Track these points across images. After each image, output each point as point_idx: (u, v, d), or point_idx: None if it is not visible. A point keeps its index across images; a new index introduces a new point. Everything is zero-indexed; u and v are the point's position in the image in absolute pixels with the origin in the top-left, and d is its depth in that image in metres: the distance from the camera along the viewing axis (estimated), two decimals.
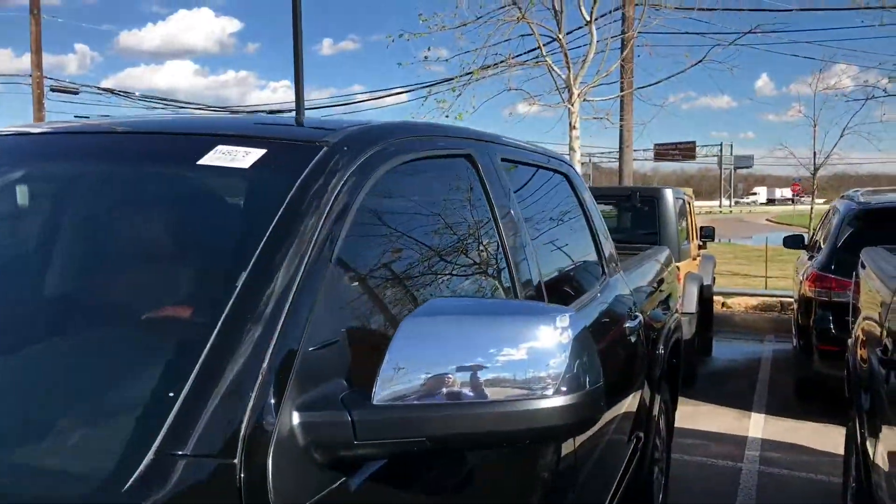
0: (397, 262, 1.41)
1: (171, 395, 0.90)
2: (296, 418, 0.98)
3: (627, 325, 2.74)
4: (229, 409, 0.91)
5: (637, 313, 2.92)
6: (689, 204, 7.51)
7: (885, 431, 2.38)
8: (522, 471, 1.66)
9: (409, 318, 1.04)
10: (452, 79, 12.31)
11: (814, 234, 7.61)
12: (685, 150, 52.40)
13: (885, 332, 2.45)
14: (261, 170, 1.27)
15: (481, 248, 1.85)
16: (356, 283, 1.26)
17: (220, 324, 0.98)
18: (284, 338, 1.00)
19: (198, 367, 0.93)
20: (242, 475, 0.88)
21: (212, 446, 0.88)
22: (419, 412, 0.98)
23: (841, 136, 14.71)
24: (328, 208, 1.17)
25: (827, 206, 7.57)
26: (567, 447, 1.95)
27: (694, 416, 5.46)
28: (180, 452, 0.85)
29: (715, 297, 8.84)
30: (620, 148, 14.26)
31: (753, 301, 10.13)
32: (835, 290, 5.25)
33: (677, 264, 5.78)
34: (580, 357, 1.03)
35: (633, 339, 2.80)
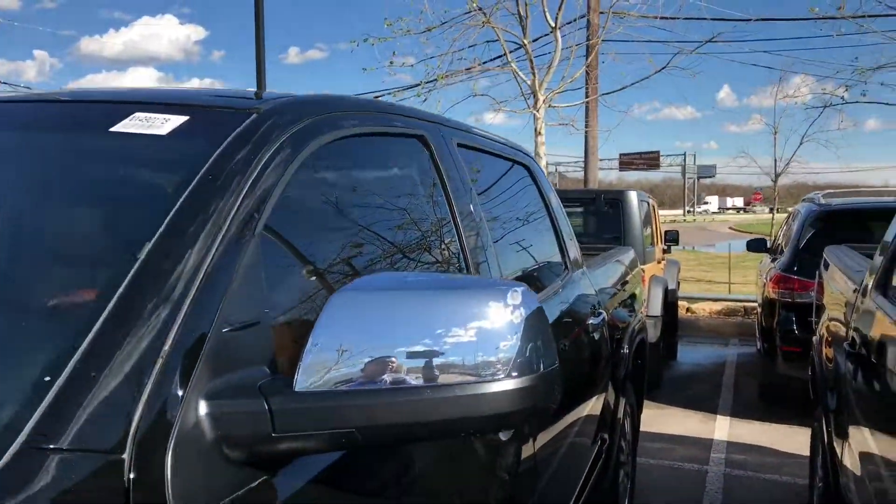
0: (333, 245, 1.28)
1: (48, 379, 0.76)
2: (204, 408, 0.84)
3: (590, 321, 2.65)
4: (119, 396, 0.78)
5: (601, 311, 2.82)
6: (654, 208, 7.51)
7: (852, 430, 2.32)
8: (476, 474, 1.54)
9: (339, 293, 0.91)
10: (418, 84, 12.25)
11: (776, 238, 7.66)
12: (649, 160, 53.07)
13: (850, 327, 2.39)
14: (180, 137, 1.14)
15: (433, 236, 1.73)
16: (285, 264, 1.13)
17: (113, 301, 0.84)
18: (192, 318, 0.87)
19: (83, 348, 0.79)
20: (132, 474, 0.74)
21: (94, 440, 0.74)
22: (346, 400, 0.86)
23: (800, 144, 14.97)
24: (252, 180, 1.04)
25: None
26: (527, 448, 1.83)
27: (659, 419, 5.40)
28: (52, 446, 0.72)
29: (679, 302, 8.85)
30: (586, 155, 14.30)
31: (717, 306, 10.17)
32: (798, 290, 5.25)
33: (642, 267, 5.74)
34: (534, 339, 0.92)
35: (596, 336, 2.71)
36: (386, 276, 1.06)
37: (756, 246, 7.75)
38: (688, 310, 10.03)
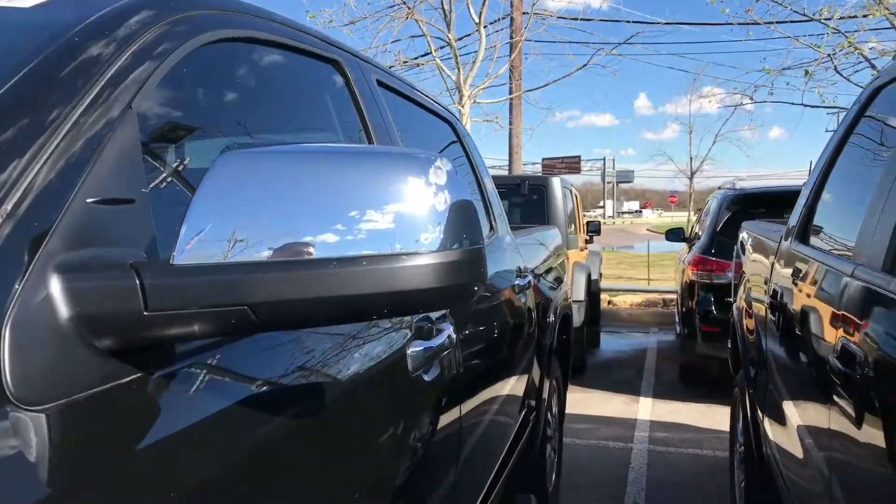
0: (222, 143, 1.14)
1: None
2: (58, 282, 0.69)
3: (517, 281, 2.57)
4: None
5: (527, 275, 2.75)
6: (576, 198, 7.58)
7: (774, 390, 2.33)
8: (393, 438, 1.41)
9: (229, 154, 0.77)
10: None
11: (692, 228, 7.87)
12: (571, 164, 54.13)
13: (771, 283, 2.39)
14: (45, 10, 0.98)
15: None
16: (167, 146, 0.98)
17: None
18: (47, 182, 0.72)
19: None
20: None
21: None
22: (237, 273, 0.72)
23: (714, 143, 15.54)
24: (124, 59, 0.89)
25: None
26: (452, 414, 1.72)
27: (584, 402, 5.41)
28: None
29: (601, 295, 8.99)
30: (510, 153, 14.41)
31: (638, 299, 10.41)
32: (715, 272, 5.37)
33: (567, 251, 5.76)
34: (458, 222, 0.80)
35: (522, 299, 2.63)
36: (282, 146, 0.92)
37: (674, 236, 7.94)
38: (609, 302, 10.22)
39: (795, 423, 1.93)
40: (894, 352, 1.26)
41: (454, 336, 1.66)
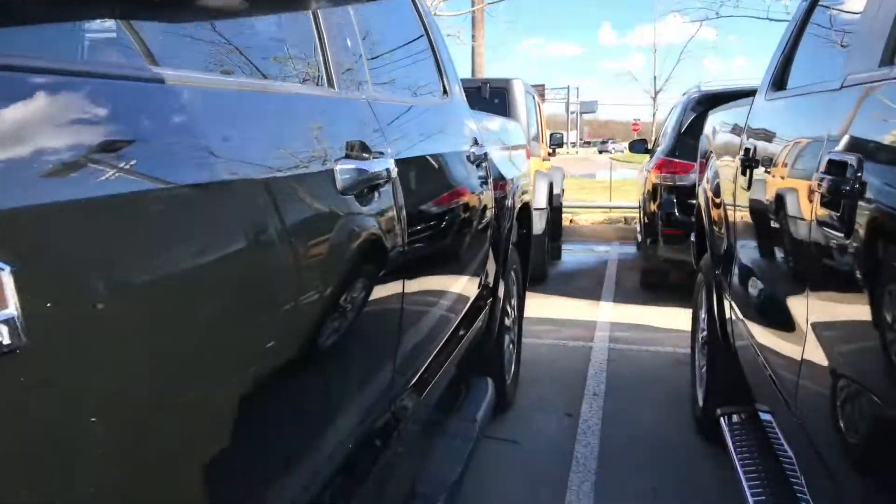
0: None
1: None
2: None
3: (472, 149, 2.37)
4: None
5: (483, 145, 2.55)
6: (538, 105, 7.35)
7: (741, 267, 2.21)
8: (315, 272, 1.22)
9: None
10: None
11: (656, 139, 7.72)
12: (535, 92, 53.43)
13: (743, 146, 2.24)
14: None
15: (288, 40, 1.36)
16: None
17: None
18: None
19: None
20: None
21: None
22: None
23: (678, 61, 15.31)
24: None
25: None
26: (389, 263, 1.53)
27: (545, 306, 5.34)
28: None
29: (563, 214, 8.87)
30: (473, 73, 14.04)
31: (600, 217, 10.35)
32: (679, 173, 5.26)
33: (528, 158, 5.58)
34: None
35: (477, 171, 2.44)
36: None
37: (638, 147, 7.80)
38: (570, 221, 10.14)
39: (768, 294, 1.80)
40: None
41: (395, 174, 1.46)
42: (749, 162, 2.04)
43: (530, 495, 2.51)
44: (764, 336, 1.84)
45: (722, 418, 2.28)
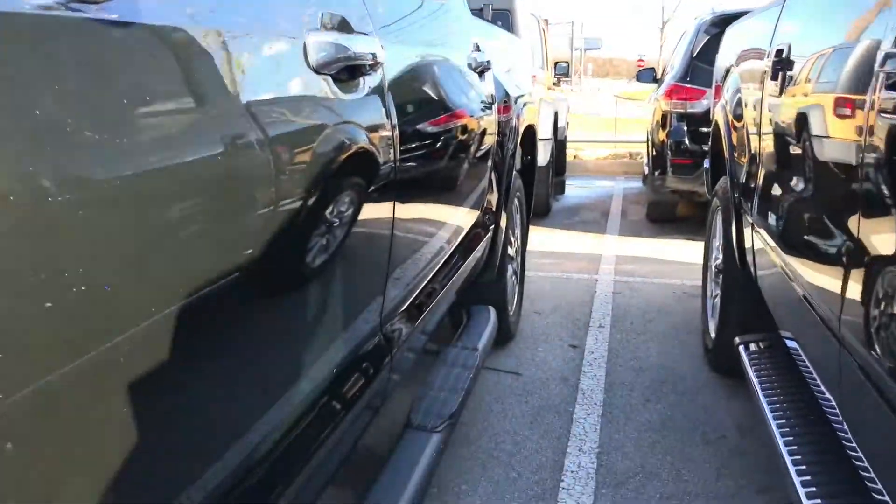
0: None
1: None
2: None
3: (475, 56, 2.16)
4: None
5: (483, 54, 2.33)
6: (544, 32, 7.02)
7: (768, 187, 2.02)
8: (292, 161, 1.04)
9: None
10: None
11: (664, 69, 7.40)
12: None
13: (773, 46, 2.02)
14: None
15: None
16: None
17: None
18: None
19: None
20: None
21: None
22: None
23: None
24: None
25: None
26: (375, 167, 1.35)
27: (549, 240, 5.18)
28: None
29: (567, 149, 8.61)
30: None
31: (604, 152, 10.08)
32: (690, 100, 5.02)
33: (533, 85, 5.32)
34: None
35: (478, 76, 2.23)
36: None
37: (646, 76, 7.48)
38: (575, 156, 9.88)
39: (807, 215, 1.61)
40: None
41: (382, 59, 1.26)
42: (782, 65, 1.82)
43: (534, 428, 2.40)
44: (799, 260, 1.67)
45: (740, 347, 2.13)
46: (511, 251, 3.06)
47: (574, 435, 2.36)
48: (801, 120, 1.64)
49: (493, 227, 2.64)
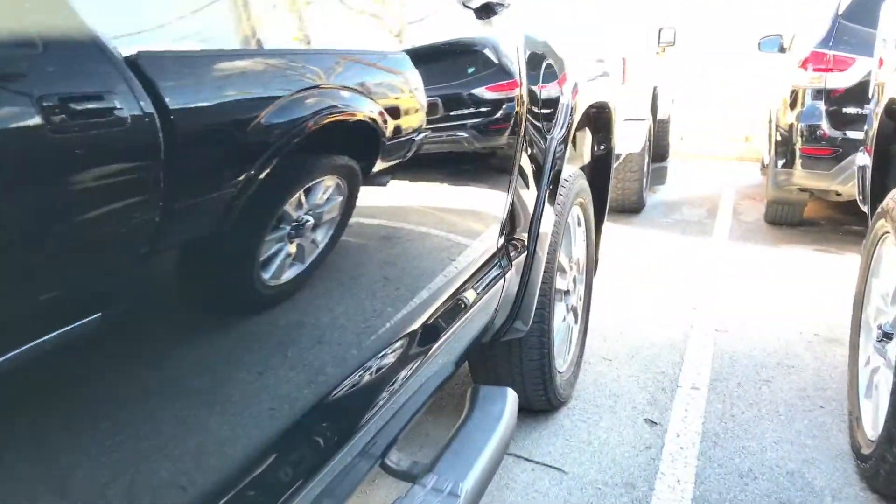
0: None
1: None
2: None
3: None
4: None
5: None
6: None
7: None
8: None
9: None
10: None
11: (793, 37, 6.09)
12: None
13: None
14: None
15: None
16: None
17: None
18: None
19: None
20: None
21: None
22: None
23: None
24: None
25: None
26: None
27: (636, 245, 4.18)
28: None
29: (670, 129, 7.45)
30: None
31: (715, 135, 8.78)
32: (834, 70, 3.85)
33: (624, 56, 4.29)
34: None
35: (475, 14, 1.32)
36: None
37: (769, 45, 6.17)
38: (681, 138, 8.66)
39: None
40: None
41: None
42: None
43: None
44: None
45: None
46: (563, 282, 2.14)
47: None
48: None
49: (523, 253, 1.74)
